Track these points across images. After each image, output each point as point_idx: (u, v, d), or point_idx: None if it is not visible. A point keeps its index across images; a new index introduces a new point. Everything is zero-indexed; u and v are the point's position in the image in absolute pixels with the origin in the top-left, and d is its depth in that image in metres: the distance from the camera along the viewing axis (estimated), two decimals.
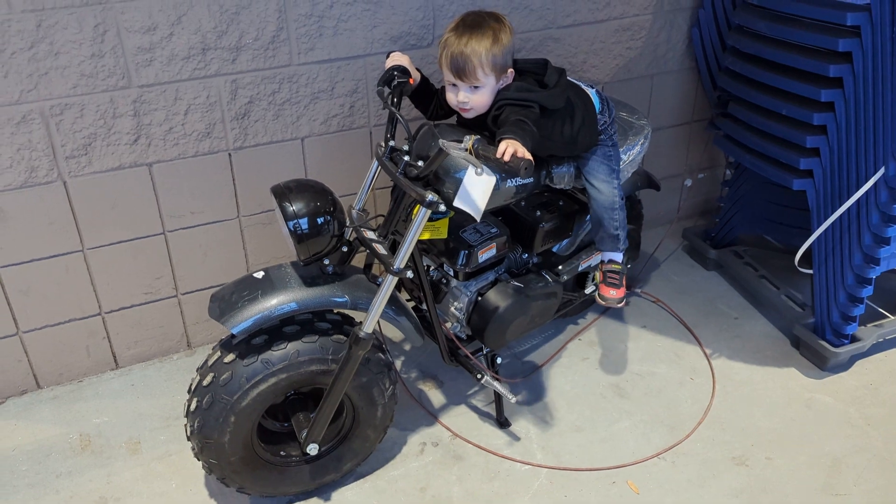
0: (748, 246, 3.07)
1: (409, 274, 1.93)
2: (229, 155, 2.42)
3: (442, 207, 1.84)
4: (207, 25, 2.21)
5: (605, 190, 2.18)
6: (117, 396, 2.48)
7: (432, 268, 2.26)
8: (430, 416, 2.39)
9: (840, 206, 2.35)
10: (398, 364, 2.60)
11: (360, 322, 1.91)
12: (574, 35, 2.77)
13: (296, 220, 1.84)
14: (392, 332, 2.65)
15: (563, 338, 2.73)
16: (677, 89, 3.11)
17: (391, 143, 1.96)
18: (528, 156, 1.66)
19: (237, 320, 1.81)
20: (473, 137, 1.66)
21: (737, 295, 2.97)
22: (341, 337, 1.94)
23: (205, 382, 1.86)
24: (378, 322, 1.93)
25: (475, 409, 2.42)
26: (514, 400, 2.21)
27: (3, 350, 2.39)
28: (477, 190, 1.81)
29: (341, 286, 1.94)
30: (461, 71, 1.87)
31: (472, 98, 1.92)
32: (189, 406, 1.90)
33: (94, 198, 2.30)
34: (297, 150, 2.52)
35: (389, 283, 1.89)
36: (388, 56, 2.09)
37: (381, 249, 1.94)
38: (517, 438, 2.30)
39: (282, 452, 2.07)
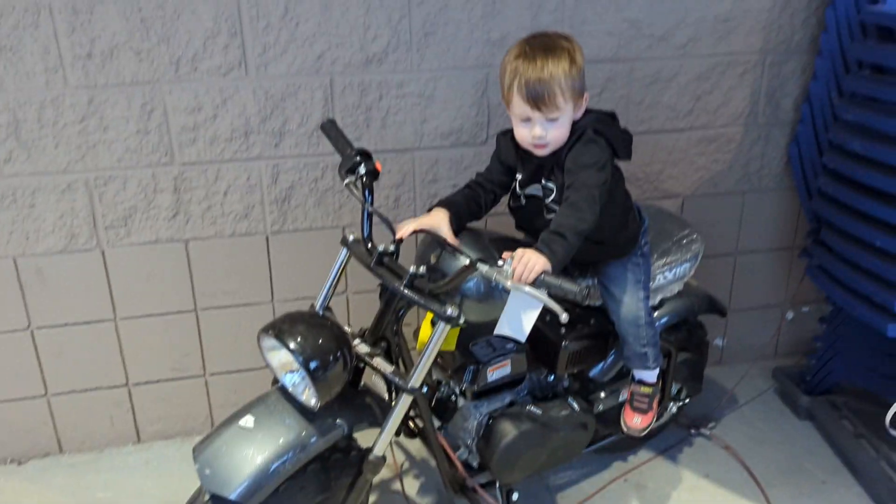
0: (849, 397, 2.60)
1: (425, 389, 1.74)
2: (267, 238, 2.39)
3: (462, 321, 1.65)
4: (251, 109, 2.22)
5: (627, 302, 1.92)
6: (130, 472, 2.42)
7: (441, 383, 2.06)
8: None
9: None
10: (414, 484, 2.37)
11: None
12: (649, 142, 2.56)
13: (313, 363, 1.59)
14: (412, 444, 2.45)
15: (608, 476, 2.40)
16: (775, 209, 2.78)
17: (387, 246, 1.76)
18: (549, 267, 1.52)
19: (234, 485, 1.57)
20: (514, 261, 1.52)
21: (830, 454, 2.51)
22: (339, 456, 1.76)
23: None
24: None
25: None
26: None
27: (30, 410, 2.42)
28: (525, 315, 1.64)
29: (338, 411, 1.71)
30: (539, 99, 1.66)
31: (549, 132, 1.71)
32: None
33: (130, 269, 2.33)
34: (338, 238, 2.44)
35: (403, 402, 1.70)
36: (429, 211, 1.86)
37: (384, 367, 1.74)
38: None
39: None
